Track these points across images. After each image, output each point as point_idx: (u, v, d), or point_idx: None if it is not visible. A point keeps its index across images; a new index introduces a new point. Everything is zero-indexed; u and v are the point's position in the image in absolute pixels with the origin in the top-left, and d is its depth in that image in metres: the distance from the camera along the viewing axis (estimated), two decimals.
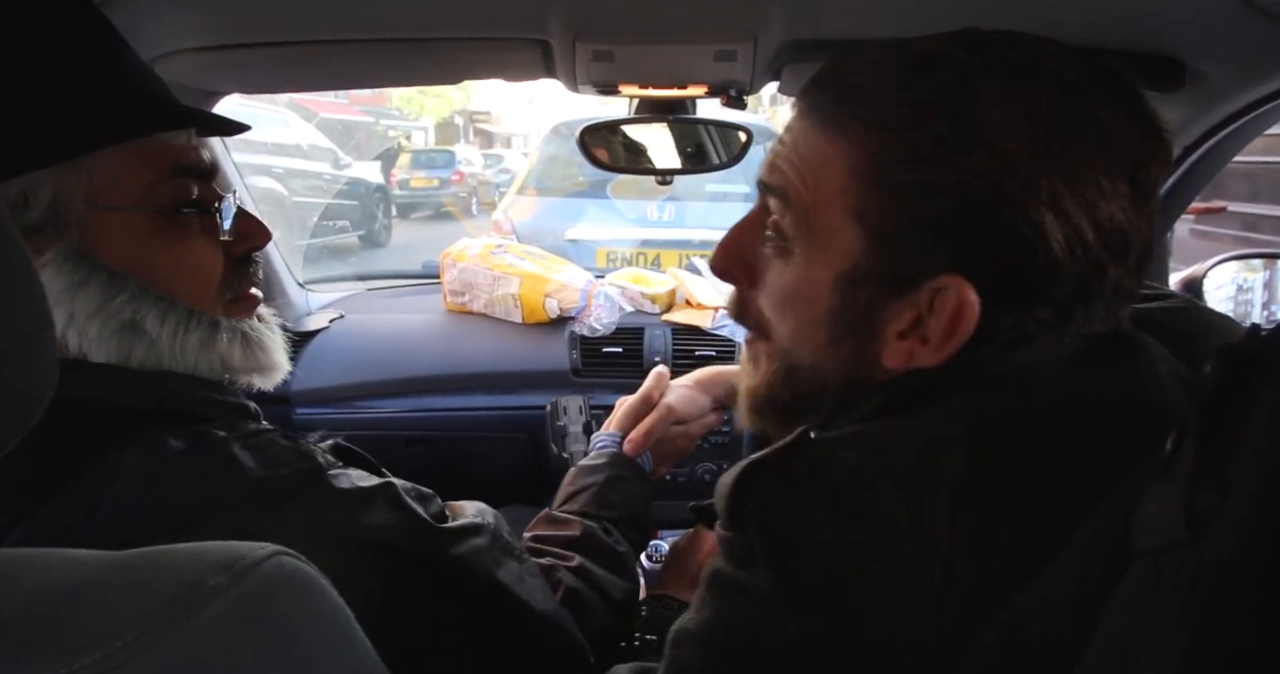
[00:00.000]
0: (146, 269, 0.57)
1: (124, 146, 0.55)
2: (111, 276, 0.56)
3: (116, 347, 0.56)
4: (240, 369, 0.62)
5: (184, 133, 0.60)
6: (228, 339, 0.61)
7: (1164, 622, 0.29)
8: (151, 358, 0.57)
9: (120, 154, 0.55)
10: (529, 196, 3.96)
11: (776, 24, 0.86)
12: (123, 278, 0.56)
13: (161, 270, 0.58)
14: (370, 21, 0.89)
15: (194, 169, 0.60)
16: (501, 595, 0.63)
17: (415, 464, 1.44)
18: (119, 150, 0.55)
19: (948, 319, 0.43)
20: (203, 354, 0.59)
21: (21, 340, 0.31)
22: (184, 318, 0.58)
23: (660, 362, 1.44)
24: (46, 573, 0.29)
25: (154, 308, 0.57)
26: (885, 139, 0.43)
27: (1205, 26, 0.82)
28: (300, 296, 1.66)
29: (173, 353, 0.58)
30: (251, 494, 0.53)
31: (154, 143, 0.57)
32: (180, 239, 0.59)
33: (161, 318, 0.57)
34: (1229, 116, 1.00)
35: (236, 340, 0.61)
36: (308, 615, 0.33)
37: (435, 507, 0.64)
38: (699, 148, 1.21)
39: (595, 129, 1.16)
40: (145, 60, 0.92)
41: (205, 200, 0.61)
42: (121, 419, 0.55)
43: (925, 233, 0.43)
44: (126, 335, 0.56)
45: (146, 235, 0.57)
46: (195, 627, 0.29)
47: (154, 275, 0.58)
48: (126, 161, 0.56)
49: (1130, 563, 0.32)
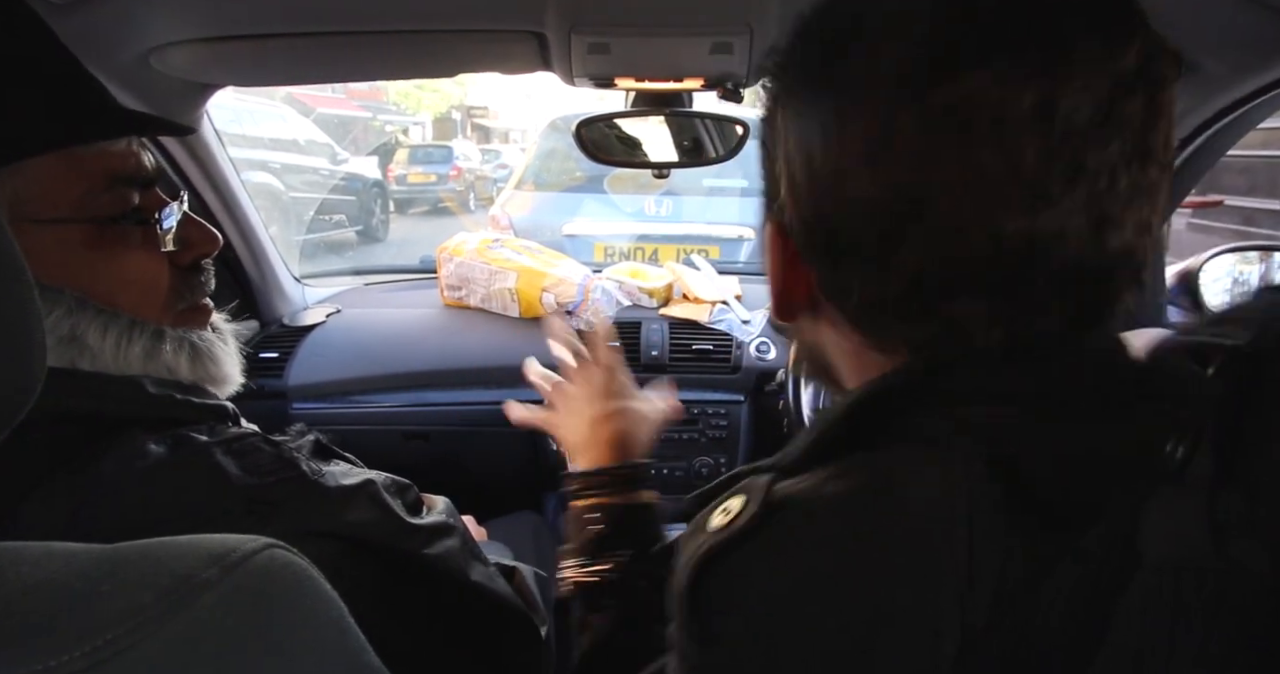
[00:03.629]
0: (84, 281, 0.55)
1: (52, 156, 0.53)
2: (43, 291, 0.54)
3: (59, 361, 0.54)
4: (189, 380, 0.61)
5: (123, 139, 0.57)
6: (173, 349, 0.59)
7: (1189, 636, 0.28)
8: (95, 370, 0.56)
9: (48, 164, 0.53)
10: (526, 191, 3.95)
11: (773, 16, 0.85)
12: (56, 292, 0.54)
13: (101, 282, 0.56)
14: (366, 14, 0.89)
15: (134, 177, 0.57)
16: (479, 593, 0.65)
17: (413, 459, 1.44)
18: (46, 160, 0.52)
19: None
20: (148, 365, 0.57)
21: (11, 333, 0.31)
22: (126, 329, 0.57)
23: (658, 356, 1.44)
24: (36, 566, 0.29)
25: (94, 320, 0.55)
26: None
27: (1201, 18, 0.82)
28: (297, 291, 1.65)
29: (117, 365, 0.56)
30: (236, 503, 0.53)
31: (87, 151, 0.55)
32: (119, 250, 0.57)
33: (103, 330, 0.55)
34: (1224, 109, 1.00)
35: (184, 351, 0.60)
36: (300, 608, 0.33)
37: (412, 496, 0.65)
38: (696, 141, 1.20)
39: (592, 123, 1.15)
40: (139, 53, 0.93)
41: (148, 208, 0.59)
42: (99, 424, 0.54)
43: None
44: (67, 350, 0.54)
45: (82, 247, 0.55)
46: (186, 620, 0.29)
47: (93, 287, 0.56)
48: (56, 172, 0.53)
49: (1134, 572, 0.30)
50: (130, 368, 0.57)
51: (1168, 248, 1.35)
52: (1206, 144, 1.10)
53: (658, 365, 1.44)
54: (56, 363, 0.54)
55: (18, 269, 0.32)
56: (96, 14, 0.80)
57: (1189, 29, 0.86)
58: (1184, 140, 1.09)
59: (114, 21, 0.84)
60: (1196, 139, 1.08)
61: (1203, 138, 1.08)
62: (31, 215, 0.52)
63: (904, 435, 0.36)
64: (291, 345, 1.49)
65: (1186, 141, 1.09)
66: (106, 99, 0.57)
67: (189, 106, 1.14)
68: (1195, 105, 1.00)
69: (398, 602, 0.59)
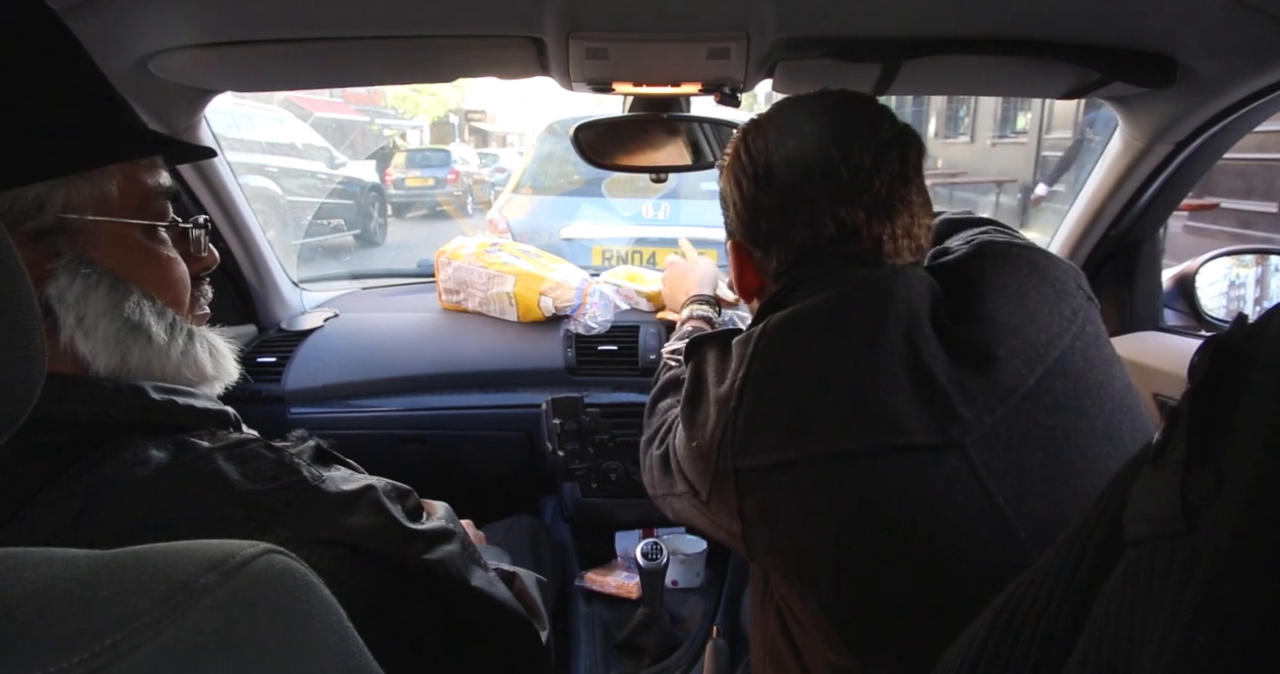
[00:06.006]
0: (138, 279, 0.61)
1: (126, 165, 0.60)
2: (116, 281, 0.58)
3: (116, 347, 0.58)
4: (210, 376, 0.65)
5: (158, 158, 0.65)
6: (200, 347, 0.64)
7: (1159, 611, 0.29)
8: (144, 359, 0.59)
9: (122, 172, 0.60)
10: (524, 195, 3.95)
11: (769, 21, 0.86)
12: (125, 283, 0.59)
13: (149, 281, 0.62)
14: (364, 19, 0.89)
15: (166, 190, 0.64)
16: (479, 598, 0.65)
17: (411, 463, 1.44)
18: (121, 168, 0.60)
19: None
20: (184, 359, 0.62)
21: (11, 339, 0.31)
22: (172, 324, 0.62)
23: (655, 358, 1.44)
24: (35, 572, 0.29)
25: (153, 311, 0.60)
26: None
27: (1196, 23, 0.82)
28: (295, 296, 1.65)
29: (163, 356, 0.61)
30: (237, 509, 0.53)
31: (145, 164, 0.62)
32: (164, 254, 0.63)
33: (159, 321, 0.61)
34: (1220, 112, 1.00)
35: (206, 349, 0.65)
36: (299, 613, 0.33)
37: (412, 502, 0.66)
38: (693, 145, 1.21)
39: (589, 127, 1.16)
40: (137, 58, 0.93)
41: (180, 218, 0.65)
42: (102, 430, 0.55)
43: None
44: (127, 337, 0.58)
45: (138, 247, 0.61)
46: (184, 626, 0.29)
47: (144, 285, 0.61)
48: (126, 179, 0.60)
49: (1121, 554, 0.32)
50: (170, 361, 0.61)
51: (1164, 251, 1.35)
52: (1203, 148, 1.10)
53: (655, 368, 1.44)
54: (116, 348, 0.58)
55: (18, 277, 0.32)
56: (95, 19, 0.80)
57: (1185, 34, 0.86)
58: (1180, 144, 1.09)
59: (112, 27, 0.84)
60: (1193, 143, 1.08)
61: (1199, 141, 1.08)
62: (110, 213, 0.59)
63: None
64: (289, 350, 1.48)
65: (1182, 145, 1.09)
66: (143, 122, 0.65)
67: (187, 112, 1.14)
68: (1191, 109, 1.00)
69: (398, 607, 0.59)
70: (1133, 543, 0.32)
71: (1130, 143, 1.12)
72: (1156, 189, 1.19)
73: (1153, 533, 0.31)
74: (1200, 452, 0.30)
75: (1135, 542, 0.32)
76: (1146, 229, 1.29)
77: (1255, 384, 0.29)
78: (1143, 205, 1.23)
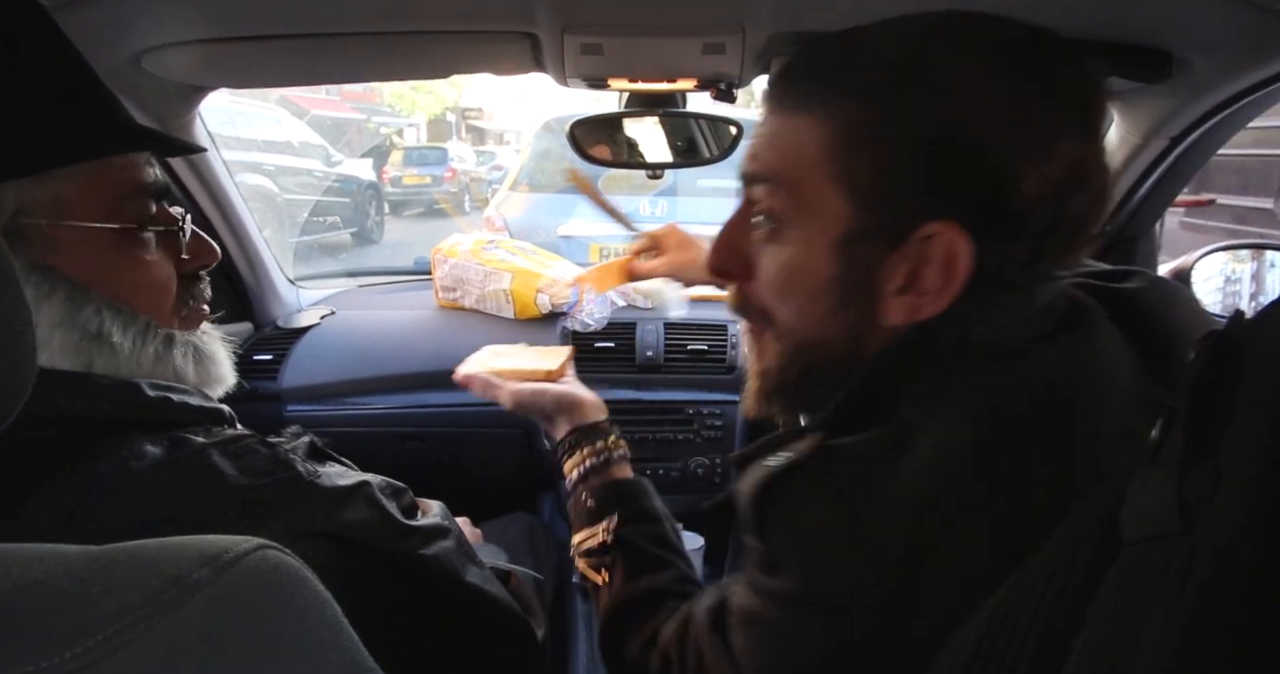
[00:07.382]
0: (107, 283, 0.58)
1: (89, 165, 0.57)
2: (74, 289, 0.57)
3: (76, 357, 0.57)
4: (193, 383, 0.64)
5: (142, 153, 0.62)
6: (181, 354, 0.62)
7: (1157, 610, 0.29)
8: (110, 369, 0.58)
9: (85, 172, 0.57)
10: (521, 192, 3.95)
11: (765, 16, 0.85)
12: (84, 291, 0.57)
13: (122, 285, 0.59)
14: (359, 15, 0.89)
15: (150, 188, 0.61)
16: (474, 595, 0.65)
17: (408, 461, 1.44)
18: (84, 168, 0.56)
19: (941, 265, 0.46)
20: (157, 367, 0.61)
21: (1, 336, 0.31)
22: (142, 331, 0.60)
23: (653, 357, 1.44)
24: (27, 567, 0.29)
25: (117, 319, 0.58)
26: (861, 105, 0.46)
27: (1192, 17, 0.82)
28: (291, 294, 1.65)
29: (130, 364, 0.59)
30: (232, 504, 0.53)
31: (117, 162, 0.59)
32: (140, 256, 0.61)
33: (124, 330, 0.59)
34: (1216, 107, 1.00)
35: (189, 355, 0.63)
36: (293, 609, 0.33)
37: (407, 499, 0.66)
38: (690, 142, 1.20)
39: (585, 124, 1.15)
40: (130, 55, 0.92)
41: (161, 219, 0.63)
42: (97, 426, 0.55)
43: (906, 185, 0.46)
44: (88, 346, 0.57)
45: (108, 251, 0.59)
46: (177, 621, 0.29)
47: (115, 290, 0.59)
48: (91, 179, 0.57)
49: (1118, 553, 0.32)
50: (140, 369, 0.59)
51: (1160, 246, 1.35)
52: (1198, 142, 1.10)
53: (653, 366, 1.44)
54: (77, 358, 0.57)
55: (7, 274, 0.32)
56: (87, 16, 0.80)
57: (1180, 28, 0.86)
58: (1175, 139, 1.09)
59: (105, 23, 0.84)
60: (1188, 137, 1.08)
61: (1194, 136, 1.08)
62: (70, 218, 0.56)
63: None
64: (286, 348, 1.48)
65: (1178, 140, 1.09)
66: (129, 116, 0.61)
67: (181, 109, 1.14)
68: (1187, 104, 1.00)
69: (393, 603, 0.59)
70: (1130, 542, 0.32)
71: (1125, 138, 1.12)
72: (1152, 184, 1.19)
73: (1150, 532, 0.31)
74: (1198, 450, 0.29)
75: (1132, 540, 0.32)
76: (1142, 224, 1.29)
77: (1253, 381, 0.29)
78: (1138, 200, 1.23)
